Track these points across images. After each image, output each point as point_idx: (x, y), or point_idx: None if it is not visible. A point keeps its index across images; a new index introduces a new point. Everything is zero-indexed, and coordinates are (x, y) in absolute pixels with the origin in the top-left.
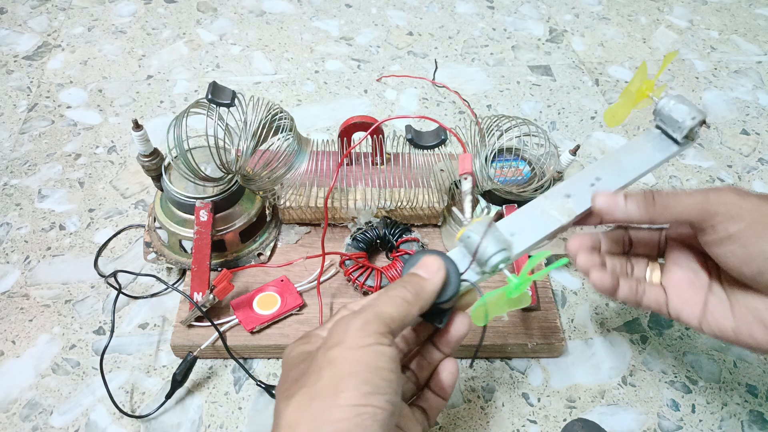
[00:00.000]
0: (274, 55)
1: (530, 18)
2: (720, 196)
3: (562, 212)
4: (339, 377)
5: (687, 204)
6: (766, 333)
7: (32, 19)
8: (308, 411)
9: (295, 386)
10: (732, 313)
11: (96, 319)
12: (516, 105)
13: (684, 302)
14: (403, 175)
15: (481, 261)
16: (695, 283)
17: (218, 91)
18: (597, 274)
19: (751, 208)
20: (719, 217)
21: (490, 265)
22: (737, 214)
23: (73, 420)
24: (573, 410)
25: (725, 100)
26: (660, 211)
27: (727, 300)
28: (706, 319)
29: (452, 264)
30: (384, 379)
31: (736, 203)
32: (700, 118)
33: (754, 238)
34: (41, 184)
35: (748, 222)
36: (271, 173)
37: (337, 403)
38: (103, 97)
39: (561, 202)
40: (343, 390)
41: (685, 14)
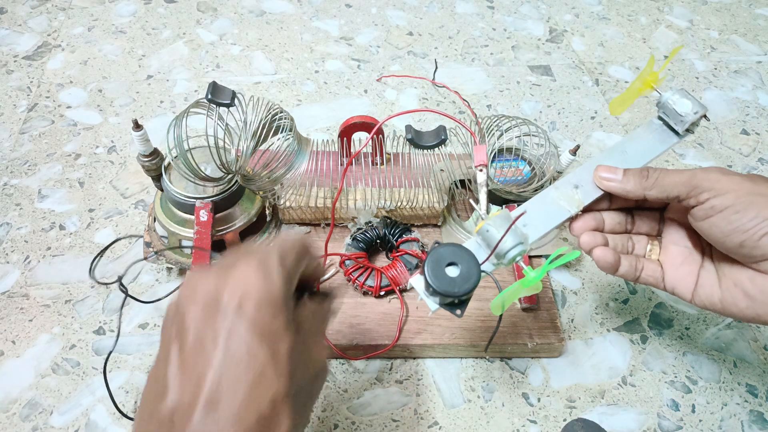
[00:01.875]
0: (274, 55)
1: (530, 18)
2: (705, 173)
3: (571, 203)
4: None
5: (676, 180)
6: (748, 302)
7: (32, 19)
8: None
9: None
10: (719, 285)
11: (96, 319)
12: (516, 105)
13: (678, 278)
14: (403, 175)
15: (500, 254)
16: (689, 259)
17: (218, 91)
18: (600, 250)
19: (733, 185)
20: (704, 192)
21: (509, 258)
22: (720, 189)
23: (73, 420)
24: (573, 410)
25: (725, 100)
26: (652, 185)
27: (716, 274)
28: (698, 292)
29: (471, 255)
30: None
31: (720, 179)
32: (702, 113)
33: (735, 213)
34: (41, 184)
35: (730, 197)
36: (271, 173)
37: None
38: (103, 97)
39: (570, 192)
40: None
41: (685, 14)
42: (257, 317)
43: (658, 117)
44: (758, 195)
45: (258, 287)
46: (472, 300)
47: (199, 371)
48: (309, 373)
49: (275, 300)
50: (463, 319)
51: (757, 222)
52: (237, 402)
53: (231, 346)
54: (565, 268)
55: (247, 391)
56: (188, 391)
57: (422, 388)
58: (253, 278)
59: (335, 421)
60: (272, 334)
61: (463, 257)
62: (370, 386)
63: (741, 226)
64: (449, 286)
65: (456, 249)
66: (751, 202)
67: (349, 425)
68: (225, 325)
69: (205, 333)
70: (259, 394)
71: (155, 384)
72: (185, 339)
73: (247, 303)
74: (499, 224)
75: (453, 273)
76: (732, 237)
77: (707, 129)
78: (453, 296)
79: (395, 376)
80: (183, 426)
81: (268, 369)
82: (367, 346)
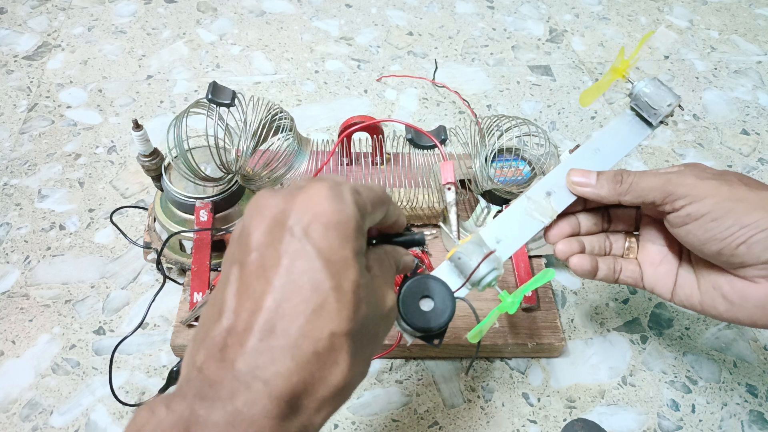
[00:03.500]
0: (274, 55)
1: (530, 18)
2: (681, 178)
3: (544, 214)
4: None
5: (650, 185)
6: (727, 305)
7: (32, 19)
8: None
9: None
10: (698, 288)
11: (96, 319)
12: (516, 105)
13: (657, 277)
14: (403, 175)
15: (474, 281)
16: (668, 258)
17: (218, 91)
18: (576, 259)
19: (709, 190)
20: (679, 199)
21: (483, 284)
22: (696, 196)
23: (73, 420)
24: (573, 410)
25: (725, 100)
26: (626, 190)
27: (694, 275)
28: (677, 292)
29: (444, 286)
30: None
31: (696, 185)
32: (675, 103)
33: (712, 221)
34: (41, 184)
35: (707, 204)
36: (271, 173)
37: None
38: (103, 97)
39: (543, 202)
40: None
41: (685, 14)
42: (324, 243)
43: (631, 108)
44: (735, 201)
45: (329, 211)
46: (473, 300)
47: (257, 295)
48: (374, 314)
49: (346, 227)
50: (463, 319)
51: (734, 231)
52: (294, 331)
53: (294, 271)
54: (565, 268)
55: (305, 321)
56: (244, 314)
57: (422, 388)
58: (324, 201)
59: (335, 421)
60: (339, 263)
61: (436, 289)
62: (370, 386)
63: (718, 235)
64: (424, 323)
65: (428, 281)
66: (729, 210)
67: (349, 425)
68: (289, 248)
69: (267, 255)
70: (318, 326)
71: (212, 308)
72: (247, 260)
73: (316, 226)
74: (471, 251)
75: (427, 307)
76: (709, 245)
77: (707, 129)
78: (429, 332)
79: (395, 376)
80: (235, 352)
81: (331, 300)
82: None
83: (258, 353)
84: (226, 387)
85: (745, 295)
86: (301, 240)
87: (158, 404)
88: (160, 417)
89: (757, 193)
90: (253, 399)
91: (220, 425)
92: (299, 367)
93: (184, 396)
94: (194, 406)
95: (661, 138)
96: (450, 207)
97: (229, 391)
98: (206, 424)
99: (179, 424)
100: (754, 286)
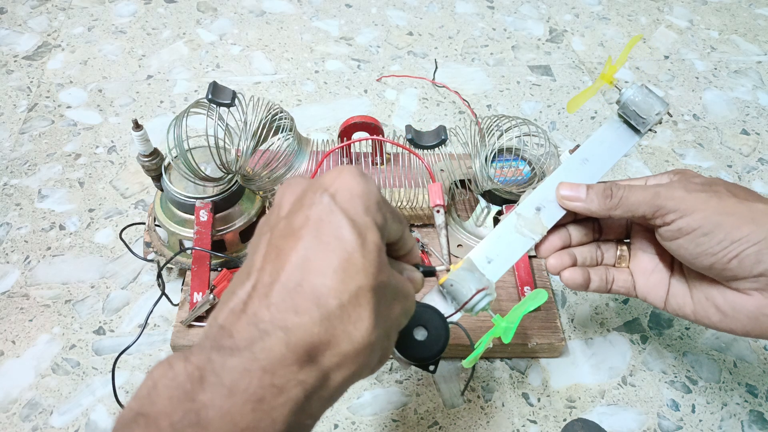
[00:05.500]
0: (274, 55)
1: (530, 18)
2: (670, 191)
3: (534, 231)
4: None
5: (639, 199)
6: (720, 317)
7: (32, 19)
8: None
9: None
10: (691, 297)
11: (96, 319)
12: (516, 105)
13: (650, 286)
14: (403, 175)
15: (467, 308)
16: (659, 267)
17: (218, 91)
18: (568, 273)
19: (699, 204)
20: (669, 213)
21: (477, 310)
22: (686, 210)
23: (73, 420)
24: (573, 410)
25: (725, 100)
26: (616, 205)
27: (687, 285)
28: (669, 302)
29: (437, 313)
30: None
31: (685, 199)
32: (664, 112)
33: (703, 235)
34: (41, 184)
35: (697, 218)
36: (271, 173)
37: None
38: (103, 97)
39: (533, 218)
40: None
41: (685, 14)
42: (351, 206)
43: (618, 115)
44: (725, 215)
45: (355, 184)
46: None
47: (285, 252)
48: (393, 285)
49: (369, 199)
50: (463, 319)
51: (726, 245)
52: (320, 284)
53: (321, 228)
54: None
55: (332, 274)
56: (270, 269)
57: (422, 388)
58: (351, 177)
59: (335, 421)
60: (363, 225)
61: (429, 318)
62: (370, 386)
63: (709, 249)
64: (419, 353)
65: (421, 309)
66: (719, 224)
67: (349, 425)
68: (317, 209)
69: (296, 218)
70: (344, 280)
71: (241, 273)
72: (277, 227)
73: (343, 193)
74: (463, 278)
75: (421, 336)
76: (701, 259)
77: (707, 129)
78: (424, 361)
79: (395, 376)
80: (259, 302)
81: (357, 255)
82: None
83: (282, 303)
84: (245, 336)
85: (738, 307)
86: (329, 203)
87: (176, 358)
88: (177, 370)
89: (746, 204)
90: (271, 346)
91: (236, 371)
92: (323, 318)
93: (203, 348)
94: (211, 356)
95: (661, 138)
96: (440, 230)
97: (248, 339)
98: (221, 370)
99: (195, 373)
100: (747, 298)
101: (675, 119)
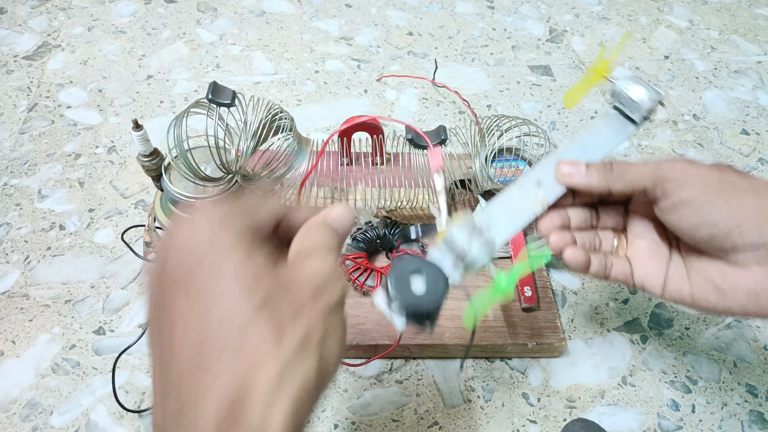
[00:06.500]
0: (274, 55)
1: (530, 18)
2: (671, 164)
3: (535, 203)
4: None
5: (641, 172)
6: (718, 296)
7: (32, 19)
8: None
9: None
10: (689, 279)
11: (96, 319)
12: (516, 105)
13: (647, 273)
14: (403, 175)
15: (467, 263)
16: (657, 253)
17: (218, 91)
18: (571, 251)
19: (700, 175)
20: (670, 183)
21: (477, 266)
22: (687, 181)
23: (73, 420)
24: (573, 410)
25: (725, 100)
26: (617, 178)
27: (684, 268)
28: (667, 287)
29: (436, 268)
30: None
31: (686, 170)
32: (658, 99)
33: (703, 205)
34: (41, 184)
35: (697, 188)
36: (271, 173)
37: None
38: (103, 97)
39: (533, 191)
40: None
41: (685, 14)
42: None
43: (614, 107)
44: (726, 184)
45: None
46: None
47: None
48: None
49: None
50: None
51: (727, 215)
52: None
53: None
54: (565, 268)
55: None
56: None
57: (422, 388)
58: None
59: (335, 421)
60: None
61: (428, 269)
62: (370, 386)
63: (710, 219)
64: (416, 301)
65: (419, 261)
66: (720, 194)
67: (349, 425)
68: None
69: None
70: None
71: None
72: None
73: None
74: (463, 232)
75: (418, 287)
76: (701, 230)
77: (707, 129)
78: (421, 312)
79: (395, 376)
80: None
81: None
82: (367, 346)
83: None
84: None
85: (737, 283)
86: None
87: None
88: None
89: (749, 178)
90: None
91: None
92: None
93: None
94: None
95: (661, 138)
96: (439, 194)
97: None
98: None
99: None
100: (746, 272)
101: (675, 119)
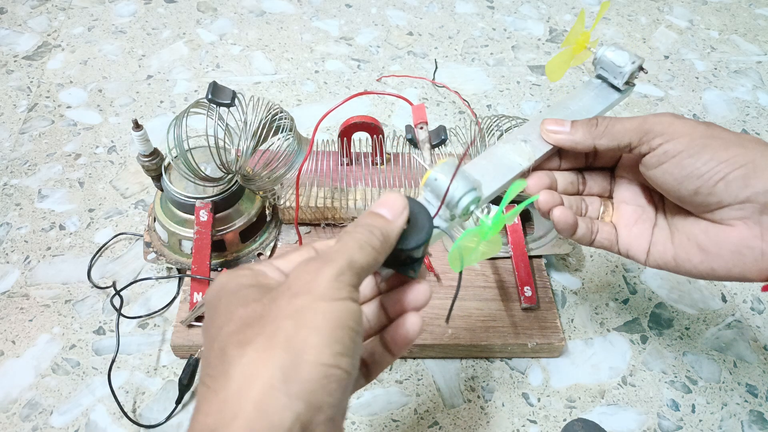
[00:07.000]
0: (274, 55)
1: (530, 18)
2: (657, 118)
3: (522, 156)
4: (308, 331)
5: (627, 126)
6: (702, 256)
7: (32, 19)
8: (271, 363)
9: (249, 331)
10: (672, 242)
11: (96, 319)
12: (516, 105)
13: (632, 238)
14: (403, 175)
15: (452, 204)
16: (642, 218)
17: (218, 91)
18: (559, 210)
19: (686, 129)
20: (656, 137)
21: (461, 206)
22: (673, 133)
23: (73, 420)
24: (573, 410)
25: (725, 100)
26: (602, 134)
27: (669, 230)
28: (651, 252)
29: (422, 208)
30: (353, 340)
31: (673, 123)
32: (639, 62)
33: (689, 157)
34: (41, 184)
35: (683, 141)
36: (271, 173)
37: (305, 359)
38: (103, 97)
39: (520, 146)
40: (312, 346)
41: (685, 14)
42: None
43: (597, 76)
44: (712, 138)
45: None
46: (472, 300)
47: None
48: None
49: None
50: (464, 319)
51: (712, 166)
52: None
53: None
54: (565, 268)
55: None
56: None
57: (422, 388)
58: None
59: None
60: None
61: (414, 207)
62: (371, 386)
63: (695, 171)
64: (400, 242)
65: (398, 194)
66: (705, 146)
67: (349, 425)
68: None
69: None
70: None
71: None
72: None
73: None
74: (447, 171)
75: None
76: (686, 184)
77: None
78: (405, 251)
79: (395, 376)
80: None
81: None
82: None
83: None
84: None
85: (721, 242)
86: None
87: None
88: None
89: (734, 133)
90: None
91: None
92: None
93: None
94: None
95: None
96: (423, 144)
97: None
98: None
99: None
100: (730, 230)
101: None
